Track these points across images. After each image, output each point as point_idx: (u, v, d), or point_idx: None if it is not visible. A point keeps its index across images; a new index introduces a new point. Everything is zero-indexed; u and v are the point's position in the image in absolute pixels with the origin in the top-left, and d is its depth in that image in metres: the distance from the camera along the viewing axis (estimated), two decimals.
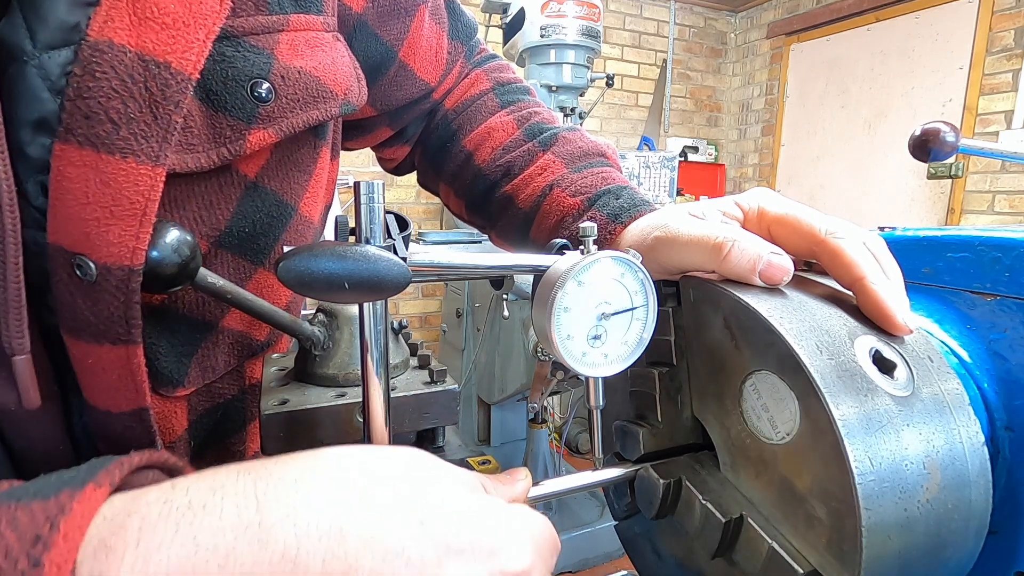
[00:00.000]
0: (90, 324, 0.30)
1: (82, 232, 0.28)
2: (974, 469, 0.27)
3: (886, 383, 0.27)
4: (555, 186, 0.48)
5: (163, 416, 0.37)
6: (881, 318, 0.29)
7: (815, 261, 0.33)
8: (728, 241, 0.31)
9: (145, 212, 0.28)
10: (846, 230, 0.32)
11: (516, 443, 2.33)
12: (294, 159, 0.40)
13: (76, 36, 0.27)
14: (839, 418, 0.24)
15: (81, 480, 0.20)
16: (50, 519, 0.19)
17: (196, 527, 0.20)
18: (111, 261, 0.28)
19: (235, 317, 0.41)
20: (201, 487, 0.21)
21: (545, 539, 0.27)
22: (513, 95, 0.57)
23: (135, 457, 0.23)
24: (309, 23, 0.37)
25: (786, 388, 0.27)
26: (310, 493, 0.22)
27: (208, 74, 0.31)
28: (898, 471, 0.25)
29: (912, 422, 0.26)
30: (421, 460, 0.26)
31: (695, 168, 4.03)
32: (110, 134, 0.27)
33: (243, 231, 0.38)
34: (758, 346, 0.28)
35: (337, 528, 0.21)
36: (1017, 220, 2.80)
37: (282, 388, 0.38)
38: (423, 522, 0.22)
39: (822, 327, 0.28)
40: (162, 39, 0.28)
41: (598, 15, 2.20)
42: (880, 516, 0.24)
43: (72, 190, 0.27)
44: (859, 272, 0.30)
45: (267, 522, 0.20)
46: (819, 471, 0.26)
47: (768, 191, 0.36)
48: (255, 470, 0.23)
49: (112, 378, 0.31)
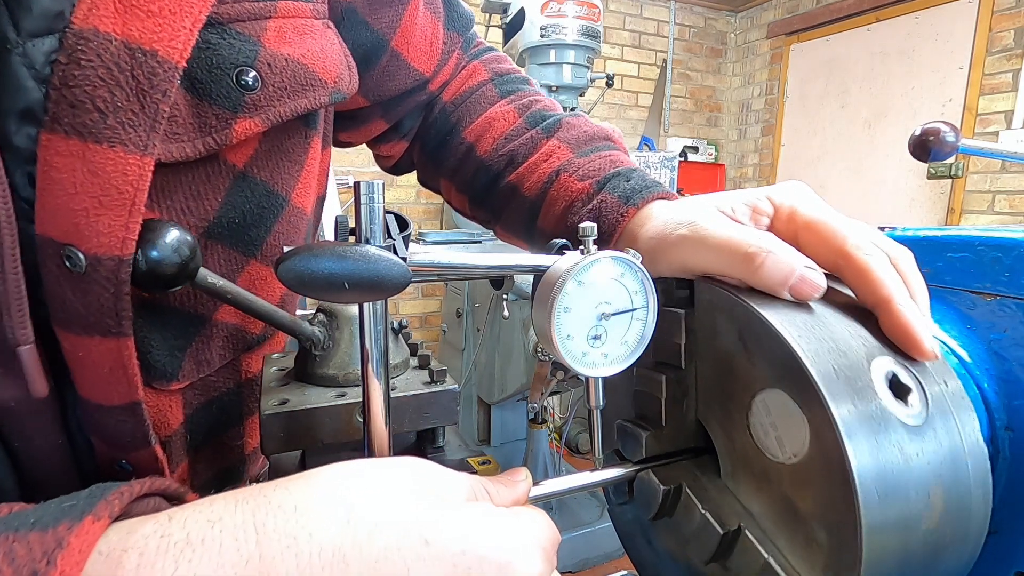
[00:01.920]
0: (80, 316, 0.29)
1: (71, 223, 0.28)
2: (976, 496, 0.27)
3: (900, 410, 0.26)
4: (562, 171, 0.47)
5: (157, 410, 0.37)
6: (907, 343, 0.28)
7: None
8: (762, 252, 0.29)
9: (134, 202, 0.28)
10: (875, 246, 0.30)
11: (516, 443, 2.33)
12: (284, 149, 0.39)
13: (60, 24, 0.26)
14: (850, 450, 0.24)
15: (80, 511, 0.20)
16: (47, 554, 0.18)
17: (195, 564, 0.20)
18: (101, 252, 0.28)
19: (229, 310, 0.40)
20: (199, 519, 0.21)
21: (550, 540, 0.26)
22: (512, 84, 0.56)
23: (135, 486, 0.23)
24: (298, 10, 0.36)
25: (798, 411, 0.26)
26: (311, 521, 0.21)
27: (193, 62, 0.31)
28: (903, 503, 0.25)
29: (922, 451, 0.26)
30: (423, 474, 0.25)
31: (695, 168, 4.03)
32: (97, 123, 0.27)
33: (233, 222, 0.37)
34: (773, 364, 0.28)
35: (340, 556, 0.21)
36: (1017, 220, 2.80)
37: (282, 388, 0.38)
38: (428, 542, 0.22)
39: (840, 348, 0.27)
40: (148, 27, 0.28)
41: (598, 15, 2.20)
42: (880, 548, 0.24)
43: (60, 180, 0.27)
44: (885, 293, 0.28)
45: (268, 554, 0.20)
46: (824, 498, 0.25)
47: (804, 188, 0.34)
48: (253, 499, 0.22)
49: (103, 371, 0.31)
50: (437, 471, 0.26)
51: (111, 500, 0.21)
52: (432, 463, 0.27)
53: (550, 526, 0.27)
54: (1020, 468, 0.31)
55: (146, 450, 0.34)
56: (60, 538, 0.19)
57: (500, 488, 0.29)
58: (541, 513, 0.28)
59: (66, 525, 0.19)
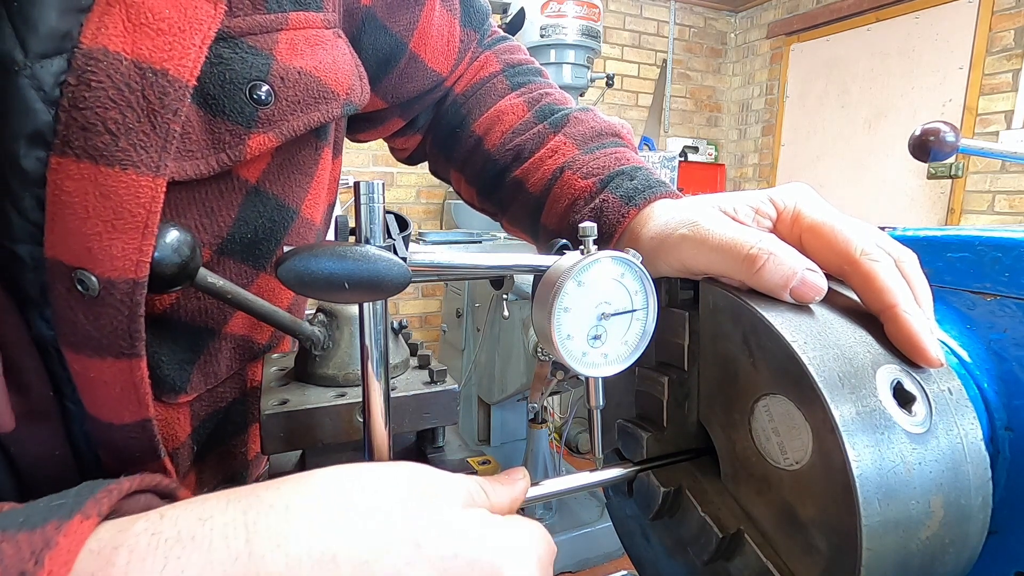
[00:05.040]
0: (91, 339, 0.29)
1: (83, 247, 0.27)
2: (976, 501, 0.27)
3: (903, 419, 0.26)
4: (566, 168, 0.46)
5: (166, 423, 0.37)
6: (912, 350, 0.28)
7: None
8: (763, 254, 0.29)
9: (147, 224, 0.28)
10: (881, 250, 0.30)
11: (516, 443, 2.33)
12: (295, 162, 0.39)
13: (69, 44, 0.26)
14: (853, 460, 0.24)
15: (69, 510, 0.20)
16: (35, 554, 0.18)
17: (184, 561, 0.19)
18: (115, 275, 0.28)
19: (237, 323, 0.40)
20: (189, 517, 0.21)
21: (544, 549, 0.26)
22: (524, 76, 0.55)
23: (125, 483, 0.23)
24: (309, 20, 0.36)
25: (801, 419, 0.26)
26: (301, 520, 0.21)
27: (205, 78, 0.30)
28: (904, 510, 0.25)
29: (924, 460, 0.26)
30: (417, 477, 0.25)
31: (695, 168, 4.03)
32: (108, 145, 0.26)
33: (245, 237, 0.37)
34: (777, 370, 0.27)
35: (330, 556, 0.21)
36: (1017, 220, 2.80)
37: (282, 388, 0.38)
38: (419, 544, 0.22)
39: (845, 355, 0.27)
40: (158, 45, 0.27)
41: (598, 15, 2.20)
42: (880, 554, 0.24)
43: (71, 204, 0.26)
44: (891, 300, 0.28)
45: (257, 552, 0.20)
46: (825, 505, 0.25)
47: (807, 190, 0.34)
48: (245, 498, 0.22)
49: (115, 391, 0.31)
50: (434, 474, 0.26)
51: (100, 499, 0.21)
52: (429, 467, 0.26)
53: (546, 538, 0.27)
54: (1020, 468, 0.31)
55: (155, 463, 0.34)
56: (48, 538, 0.19)
57: (498, 488, 0.28)
58: (538, 525, 0.27)
59: (55, 524, 0.19)
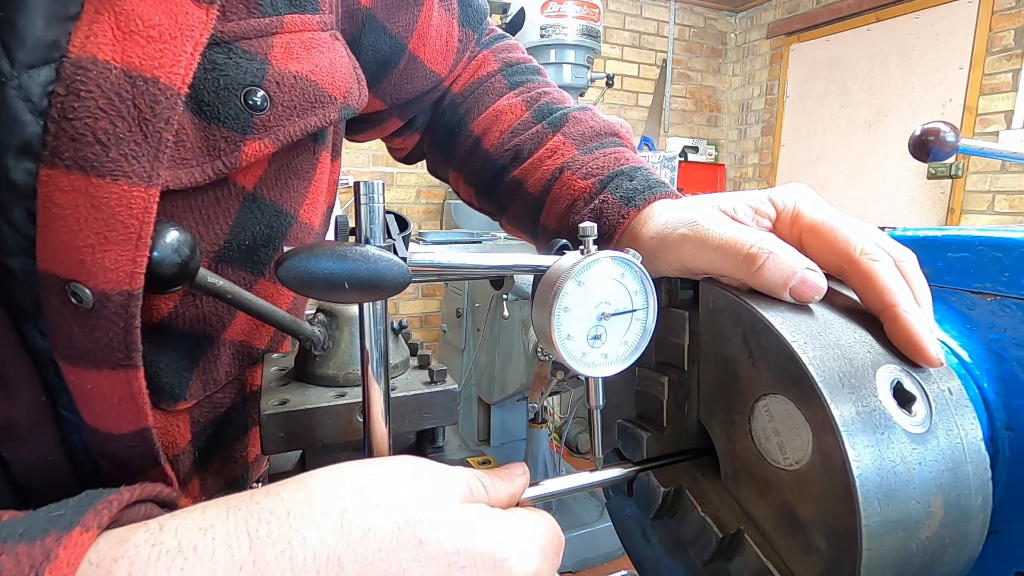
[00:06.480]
0: (87, 351, 0.29)
1: (76, 259, 0.27)
2: (976, 501, 0.27)
3: (903, 419, 0.26)
4: (565, 169, 0.46)
5: (166, 431, 0.37)
6: (912, 350, 0.28)
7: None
8: (763, 253, 0.29)
9: (140, 235, 0.27)
10: (880, 250, 0.30)
11: (516, 443, 2.33)
12: (293, 167, 0.38)
13: (57, 53, 0.25)
14: (854, 459, 0.24)
15: (68, 522, 0.20)
16: (35, 567, 0.18)
17: (187, 572, 0.19)
18: (109, 287, 0.27)
19: (235, 329, 0.40)
20: (190, 527, 0.21)
21: (549, 540, 0.26)
22: (522, 75, 0.55)
23: (125, 494, 0.23)
24: (305, 23, 0.35)
25: (801, 418, 0.26)
26: (304, 525, 0.21)
27: (199, 84, 0.30)
28: (904, 510, 0.25)
29: (924, 460, 0.26)
30: (418, 473, 0.25)
31: (695, 168, 4.02)
32: (99, 156, 0.26)
33: (243, 244, 0.36)
34: (777, 370, 0.27)
35: (335, 559, 0.21)
36: (1017, 220, 2.80)
37: (282, 388, 0.38)
38: (423, 542, 0.22)
39: (845, 355, 0.27)
40: (149, 53, 0.27)
41: (598, 15, 2.20)
42: (879, 555, 0.24)
43: (62, 216, 0.26)
44: (891, 299, 0.28)
45: (261, 560, 0.20)
46: (825, 505, 0.25)
47: (807, 190, 0.34)
48: (245, 505, 0.22)
49: (112, 402, 0.30)
50: (433, 469, 0.26)
51: (100, 510, 0.21)
52: (428, 461, 0.26)
53: (552, 528, 0.27)
54: (1020, 468, 0.31)
55: (156, 471, 0.34)
56: (48, 550, 0.19)
57: (497, 482, 0.28)
58: (544, 515, 0.27)
59: (54, 536, 0.19)
